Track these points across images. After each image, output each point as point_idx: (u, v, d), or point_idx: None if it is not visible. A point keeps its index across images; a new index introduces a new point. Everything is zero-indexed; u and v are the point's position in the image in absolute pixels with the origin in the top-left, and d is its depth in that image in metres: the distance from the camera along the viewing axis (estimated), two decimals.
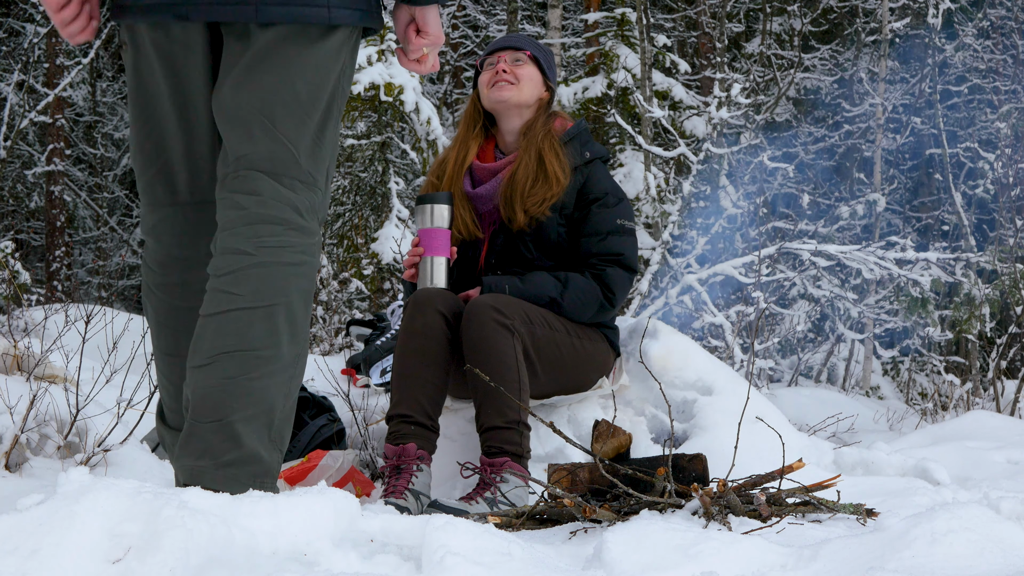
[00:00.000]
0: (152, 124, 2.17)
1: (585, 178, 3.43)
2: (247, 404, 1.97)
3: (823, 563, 2.05)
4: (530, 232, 3.38)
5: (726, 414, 3.41)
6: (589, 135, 3.53)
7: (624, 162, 12.74)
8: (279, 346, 2.00)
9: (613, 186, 3.46)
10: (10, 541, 1.71)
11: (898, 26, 11.95)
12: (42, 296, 11.58)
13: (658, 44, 12.77)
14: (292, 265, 2.02)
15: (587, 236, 3.39)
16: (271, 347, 1.99)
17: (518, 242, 3.40)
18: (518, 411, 3.05)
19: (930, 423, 6.58)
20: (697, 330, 7.65)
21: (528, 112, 3.47)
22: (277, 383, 2.00)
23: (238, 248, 2.00)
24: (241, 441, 1.97)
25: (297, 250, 2.04)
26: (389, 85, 9.87)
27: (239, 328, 1.98)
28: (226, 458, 1.98)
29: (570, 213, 3.41)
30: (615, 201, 3.43)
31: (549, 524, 2.66)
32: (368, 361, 4.13)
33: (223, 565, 1.80)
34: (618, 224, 3.41)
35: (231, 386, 1.96)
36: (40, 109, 12.34)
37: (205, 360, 1.98)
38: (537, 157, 3.38)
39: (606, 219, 3.40)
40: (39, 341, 3.12)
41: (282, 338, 2.00)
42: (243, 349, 1.97)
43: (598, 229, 3.39)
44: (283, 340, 2.01)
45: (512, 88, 3.43)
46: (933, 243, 10.99)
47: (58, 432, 2.60)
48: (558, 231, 3.40)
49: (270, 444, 2.02)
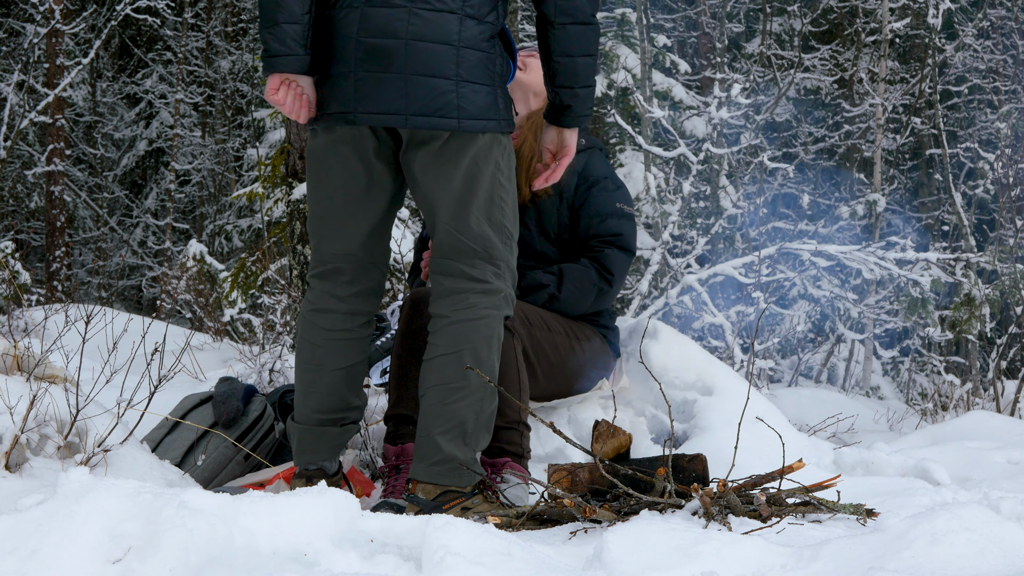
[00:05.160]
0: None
1: (585, 162, 3.45)
2: (444, 422, 2.76)
3: (823, 563, 2.05)
4: (531, 215, 3.39)
5: (726, 414, 3.41)
6: None
7: (624, 162, 12.74)
8: (466, 378, 2.76)
9: (613, 173, 3.48)
10: (10, 541, 1.71)
11: (898, 26, 11.95)
12: (42, 296, 11.58)
13: (658, 44, 12.78)
14: (474, 320, 2.80)
15: (587, 218, 3.41)
16: (460, 380, 2.76)
17: (521, 228, 3.40)
18: (518, 411, 3.05)
19: (930, 423, 6.57)
20: (697, 330, 7.65)
21: (535, 101, 3.47)
22: (467, 405, 2.77)
23: (439, 313, 2.84)
24: (440, 448, 2.75)
25: (480, 308, 2.81)
26: None
27: (439, 368, 2.79)
28: (432, 460, 2.76)
29: (571, 197, 3.42)
30: (614, 186, 3.45)
31: (549, 524, 2.66)
32: (368, 361, 4.13)
33: (223, 565, 1.80)
34: (617, 207, 3.43)
35: (433, 410, 2.77)
36: (40, 109, 12.34)
37: (422, 393, 2.81)
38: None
39: (605, 202, 3.42)
40: (39, 341, 3.12)
41: (469, 374, 2.76)
42: (438, 383, 2.78)
43: (597, 211, 3.41)
44: (470, 375, 2.76)
45: (519, 71, 3.45)
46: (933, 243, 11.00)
47: (58, 432, 2.60)
48: (558, 216, 3.41)
49: (464, 447, 2.77)
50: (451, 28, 2.71)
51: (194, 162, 17.07)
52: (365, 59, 2.71)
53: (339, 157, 2.84)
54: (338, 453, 2.98)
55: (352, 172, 2.84)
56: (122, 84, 17.85)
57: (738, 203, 9.04)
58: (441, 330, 2.81)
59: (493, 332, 2.81)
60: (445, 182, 2.78)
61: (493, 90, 2.77)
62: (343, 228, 2.89)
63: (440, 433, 2.75)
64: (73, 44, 15.78)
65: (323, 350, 2.93)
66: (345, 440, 2.98)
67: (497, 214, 2.83)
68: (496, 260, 2.84)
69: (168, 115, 17.24)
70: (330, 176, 2.87)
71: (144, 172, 18.35)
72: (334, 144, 2.83)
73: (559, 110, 2.85)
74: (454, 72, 2.70)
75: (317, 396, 2.94)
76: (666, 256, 8.64)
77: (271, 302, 8.44)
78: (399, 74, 2.70)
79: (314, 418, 2.94)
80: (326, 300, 2.94)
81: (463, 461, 2.75)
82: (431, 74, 2.70)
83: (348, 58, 2.73)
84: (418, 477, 2.76)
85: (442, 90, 2.70)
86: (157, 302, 13.79)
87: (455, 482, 2.75)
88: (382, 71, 2.70)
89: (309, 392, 2.95)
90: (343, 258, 2.91)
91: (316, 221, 2.93)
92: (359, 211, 2.88)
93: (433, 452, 2.75)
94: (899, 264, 7.76)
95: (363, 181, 2.85)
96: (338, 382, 2.94)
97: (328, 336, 2.94)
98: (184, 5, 16.58)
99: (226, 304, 9.12)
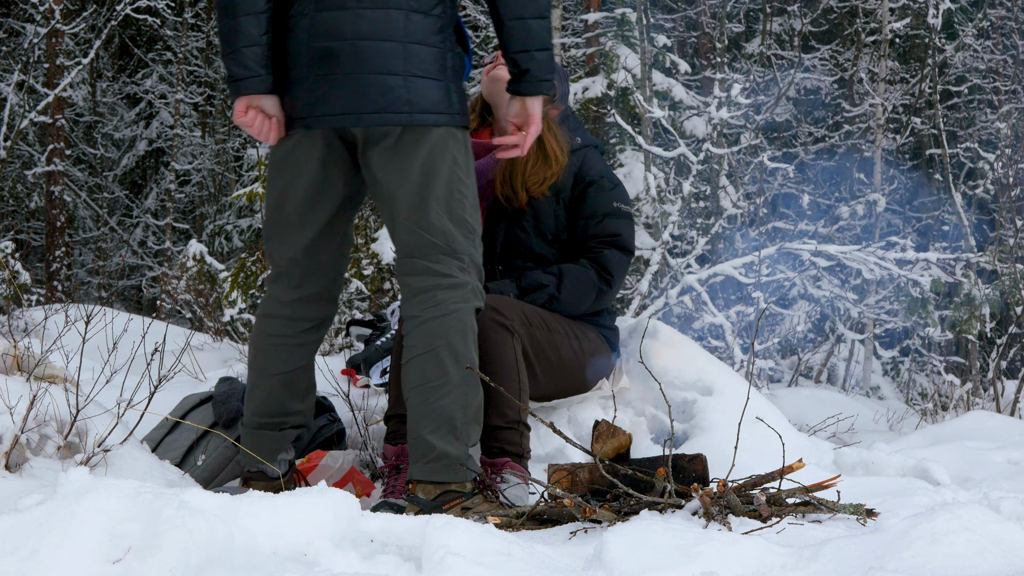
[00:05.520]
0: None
1: (580, 161, 3.44)
2: (431, 421, 2.76)
3: (823, 563, 2.05)
4: (529, 218, 3.39)
5: (726, 414, 3.41)
6: (578, 121, 3.54)
7: (624, 162, 12.73)
8: (447, 374, 2.76)
9: (608, 172, 3.47)
10: (10, 541, 1.71)
11: (898, 26, 11.95)
12: (42, 296, 11.58)
13: (658, 44, 12.77)
14: (444, 316, 2.79)
15: (584, 218, 3.40)
16: (438, 377, 2.76)
17: (517, 229, 3.40)
18: (518, 411, 3.05)
19: (930, 423, 6.57)
20: (697, 330, 7.65)
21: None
22: (451, 400, 2.76)
23: (410, 315, 2.83)
24: (432, 446, 2.75)
25: (449, 303, 2.79)
26: None
27: (417, 369, 2.79)
28: (427, 459, 2.76)
29: (567, 197, 3.41)
30: (611, 185, 3.43)
31: (549, 524, 2.66)
32: (368, 361, 4.13)
33: (223, 565, 1.80)
34: (615, 207, 3.42)
35: (419, 411, 2.78)
36: (40, 109, 12.33)
37: (406, 396, 2.83)
38: (537, 137, 3.38)
39: (602, 201, 3.41)
40: (39, 341, 3.11)
41: (448, 368, 2.75)
42: (418, 384, 2.78)
43: (595, 211, 3.40)
44: (449, 369, 2.75)
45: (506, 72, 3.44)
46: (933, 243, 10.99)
47: (58, 432, 2.60)
48: (556, 217, 3.41)
49: (456, 442, 2.76)
50: (397, 24, 2.72)
51: (194, 162, 17.07)
52: (315, 63, 2.75)
53: (294, 163, 2.88)
54: (276, 456, 2.99)
55: (304, 177, 2.87)
56: (122, 84, 17.85)
57: (738, 203, 9.03)
58: (414, 331, 2.82)
59: (466, 325, 2.81)
60: (402, 177, 2.78)
61: (445, 84, 2.77)
62: (290, 234, 2.93)
63: (430, 432, 2.76)
64: (73, 44, 15.78)
65: (264, 354, 2.98)
66: (283, 444, 3.00)
67: (457, 208, 2.82)
68: (459, 254, 2.83)
69: (168, 115, 17.24)
70: (282, 182, 2.91)
71: (144, 172, 18.36)
72: (292, 151, 2.87)
73: (518, 77, 2.83)
74: (402, 68, 2.72)
75: (256, 400, 2.97)
76: (666, 256, 8.64)
77: None
78: (349, 75, 2.72)
79: (253, 421, 2.98)
80: (272, 305, 3.00)
81: (457, 457, 2.76)
82: (379, 71, 2.71)
83: (301, 64, 2.77)
84: (416, 477, 2.79)
85: (391, 86, 2.72)
86: (157, 302, 13.79)
87: (452, 478, 2.76)
88: (331, 73, 2.73)
89: (251, 395, 3.00)
90: (289, 263, 2.95)
91: (267, 226, 2.98)
92: (306, 216, 2.90)
93: (426, 451, 2.77)
94: (899, 264, 7.76)
95: (314, 186, 2.87)
96: (276, 387, 2.96)
97: (269, 341, 2.98)
98: (184, 5, 16.58)
99: (226, 304, 9.12)
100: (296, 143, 2.85)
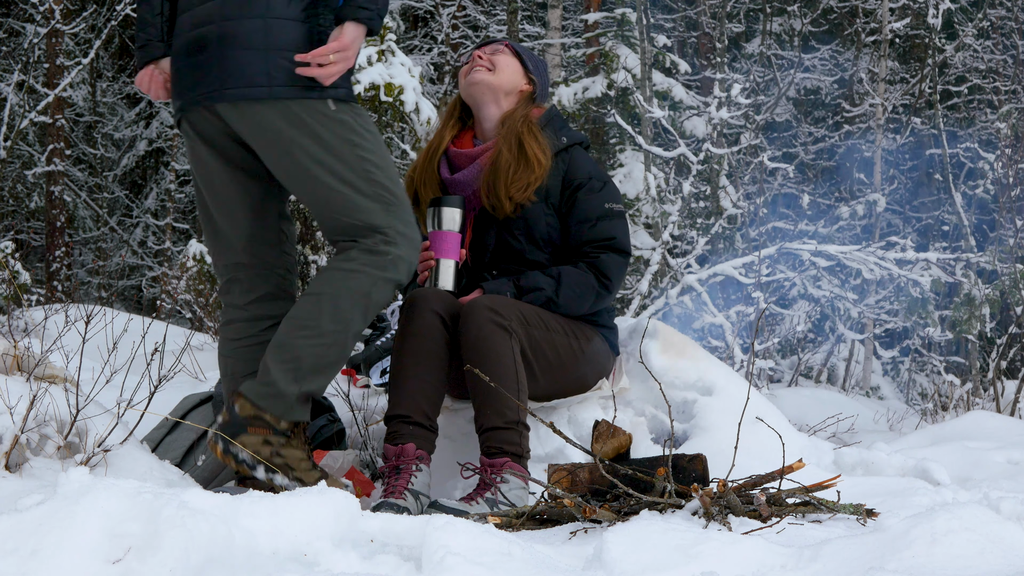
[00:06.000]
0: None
1: (567, 164, 3.41)
2: (282, 352, 2.76)
3: (823, 563, 2.05)
4: (519, 225, 3.36)
5: (726, 414, 3.41)
6: (563, 121, 3.50)
7: (624, 162, 12.74)
8: (316, 321, 2.74)
9: (596, 170, 3.42)
10: (10, 541, 1.71)
11: (898, 26, 11.95)
12: (42, 296, 11.58)
13: (658, 44, 12.77)
14: (348, 272, 2.76)
15: (577, 224, 3.36)
16: (310, 320, 2.75)
17: (509, 237, 3.37)
18: (517, 411, 3.04)
19: (930, 423, 6.57)
20: (697, 330, 7.65)
21: (507, 102, 3.44)
22: (308, 345, 2.74)
23: (322, 269, 2.85)
24: (269, 372, 2.75)
25: (358, 263, 2.76)
26: (389, 85, 9.86)
27: (298, 305, 2.80)
28: (260, 380, 2.76)
29: (556, 201, 3.39)
30: (600, 185, 3.39)
31: (549, 524, 2.66)
32: (368, 361, 4.13)
33: (223, 565, 1.80)
34: (606, 208, 3.37)
35: (279, 339, 2.78)
36: (40, 109, 12.33)
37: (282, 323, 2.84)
38: (517, 142, 3.36)
39: (594, 204, 3.37)
40: (39, 341, 3.12)
41: (322, 317, 2.74)
42: (292, 317, 2.79)
43: (587, 215, 3.36)
44: (323, 319, 2.74)
45: (487, 72, 3.43)
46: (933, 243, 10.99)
47: (58, 432, 2.60)
48: (547, 222, 3.38)
49: (293, 382, 2.74)
50: (259, 3, 2.75)
51: None
52: (188, 50, 2.81)
53: (198, 164, 2.91)
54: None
55: (210, 177, 2.90)
56: (122, 84, 17.85)
57: (738, 203, 9.04)
58: (317, 276, 2.84)
59: (365, 290, 2.75)
60: (284, 156, 2.76)
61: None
62: (223, 238, 2.96)
63: (275, 361, 2.75)
64: (73, 44, 15.78)
65: (233, 360, 3.01)
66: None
67: (361, 181, 2.76)
68: (381, 228, 2.77)
69: (168, 115, 17.24)
70: (200, 190, 2.95)
71: (144, 172, 18.36)
72: (193, 152, 2.91)
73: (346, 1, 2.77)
74: (262, 42, 2.72)
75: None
76: (666, 256, 8.64)
77: None
78: (215, 57, 2.75)
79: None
80: (230, 312, 3.04)
81: (285, 392, 2.72)
82: (241, 48, 2.73)
83: (180, 56, 2.85)
84: (242, 390, 2.77)
85: (251, 60, 2.72)
86: (157, 302, 13.79)
87: (271, 408, 2.72)
88: (199, 54, 2.78)
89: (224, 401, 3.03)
90: (235, 267, 2.99)
91: (205, 240, 3.02)
92: (231, 214, 2.92)
93: (264, 374, 2.76)
94: (899, 264, 7.76)
95: (223, 184, 2.90)
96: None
97: (234, 346, 3.01)
98: None
99: None
100: (192, 143, 2.89)
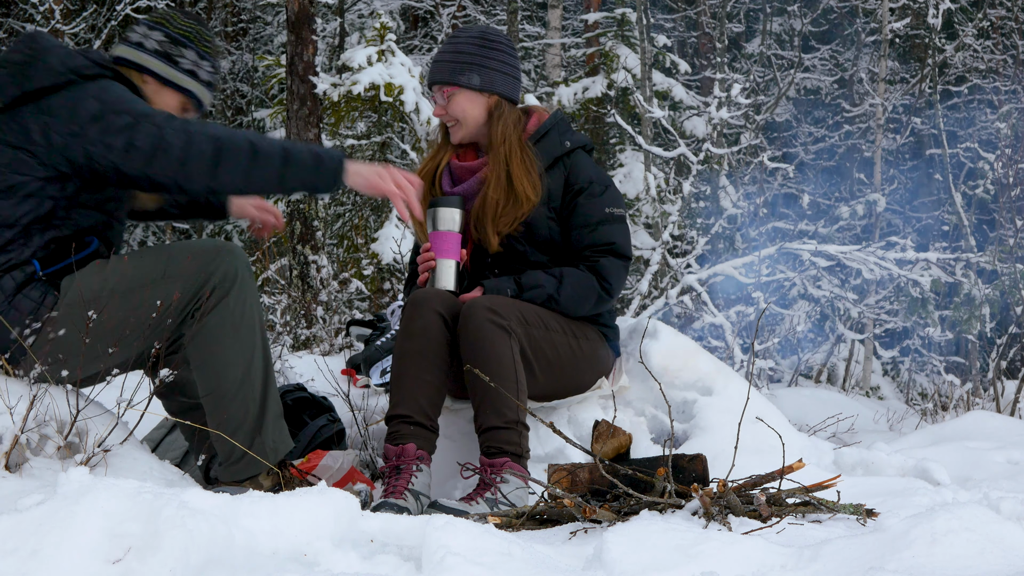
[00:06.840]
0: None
1: (569, 169, 3.40)
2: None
3: (823, 563, 2.06)
4: (522, 230, 3.36)
5: (726, 414, 3.41)
6: (567, 125, 3.48)
7: (624, 162, 12.74)
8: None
9: (598, 174, 3.41)
10: (10, 541, 1.71)
11: (898, 26, 11.95)
12: None
13: (658, 44, 12.78)
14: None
15: (578, 228, 3.37)
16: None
17: (511, 240, 3.38)
18: (516, 411, 3.04)
19: (930, 423, 6.57)
20: (697, 330, 7.64)
21: (489, 123, 3.39)
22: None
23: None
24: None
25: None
26: (389, 85, 9.87)
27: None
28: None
29: (558, 206, 3.38)
30: (601, 189, 3.39)
31: (549, 524, 2.66)
32: (368, 361, 4.13)
33: (223, 565, 1.80)
34: (607, 212, 3.37)
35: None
36: None
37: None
38: (506, 175, 3.33)
39: (594, 209, 3.36)
40: None
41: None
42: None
43: (588, 220, 3.36)
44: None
45: (457, 128, 3.40)
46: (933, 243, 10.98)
47: (58, 432, 2.60)
48: (549, 226, 3.38)
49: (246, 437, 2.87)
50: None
51: None
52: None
53: None
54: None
55: None
56: None
57: (738, 203, 9.04)
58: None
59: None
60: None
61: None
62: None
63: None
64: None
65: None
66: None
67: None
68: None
69: None
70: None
71: None
72: None
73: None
74: None
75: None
76: (666, 256, 8.64)
77: (271, 302, 8.44)
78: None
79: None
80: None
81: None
82: None
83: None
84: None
85: None
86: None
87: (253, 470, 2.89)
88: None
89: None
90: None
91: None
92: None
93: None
94: (899, 264, 7.76)
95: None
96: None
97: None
98: (184, 5, 16.59)
99: None
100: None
